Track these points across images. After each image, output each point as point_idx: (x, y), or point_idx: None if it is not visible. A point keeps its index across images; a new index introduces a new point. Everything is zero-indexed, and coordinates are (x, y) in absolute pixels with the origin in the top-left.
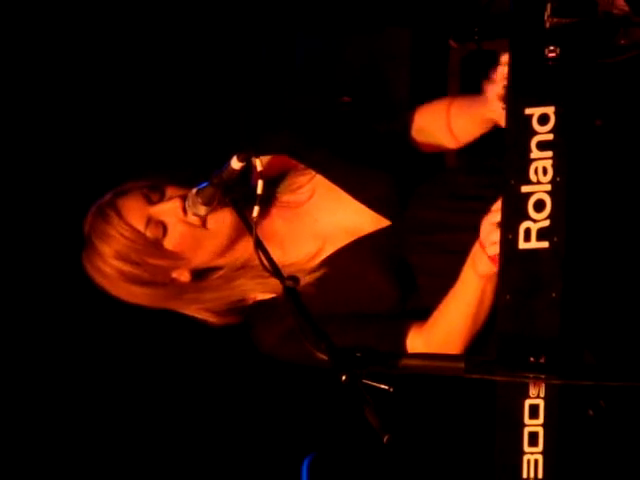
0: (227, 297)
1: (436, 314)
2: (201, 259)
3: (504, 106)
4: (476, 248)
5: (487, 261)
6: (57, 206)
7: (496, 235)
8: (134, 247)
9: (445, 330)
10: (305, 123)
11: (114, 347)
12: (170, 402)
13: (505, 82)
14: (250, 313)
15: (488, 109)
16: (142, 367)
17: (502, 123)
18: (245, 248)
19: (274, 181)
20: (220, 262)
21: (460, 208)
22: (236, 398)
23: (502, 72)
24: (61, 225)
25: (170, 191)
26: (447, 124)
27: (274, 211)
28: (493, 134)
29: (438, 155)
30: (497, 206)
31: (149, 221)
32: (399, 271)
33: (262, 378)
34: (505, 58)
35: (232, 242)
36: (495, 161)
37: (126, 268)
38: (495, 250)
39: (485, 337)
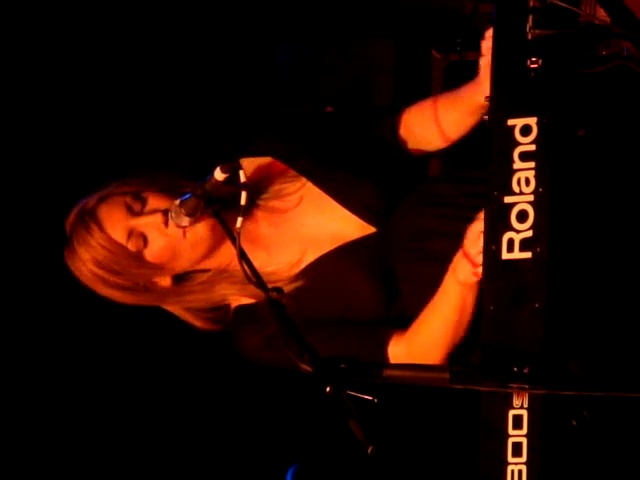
0: (209, 300)
1: (418, 322)
2: (182, 267)
3: None
4: (459, 256)
5: (469, 269)
6: (41, 200)
7: (481, 243)
8: (114, 258)
9: (426, 338)
10: (294, 131)
11: (94, 347)
12: (153, 409)
13: None
14: (232, 318)
15: (480, 87)
16: (126, 371)
17: None
18: (227, 253)
19: (262, 185)
20: (202, 267)
21: (444, 215)
22: (220, 408)
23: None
24: (47, 221)
25: (152, 199)
26: (435, 119)
27: (261, 215)
28: (476, 144)
29: (422, 164)
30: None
31: (131, 233)
32: (384, 278)
33: (246, 388)
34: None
35: (213, 249)
36: (479, 170)
37: (106, 275)
38: (481, 259)
39: (468, 346)
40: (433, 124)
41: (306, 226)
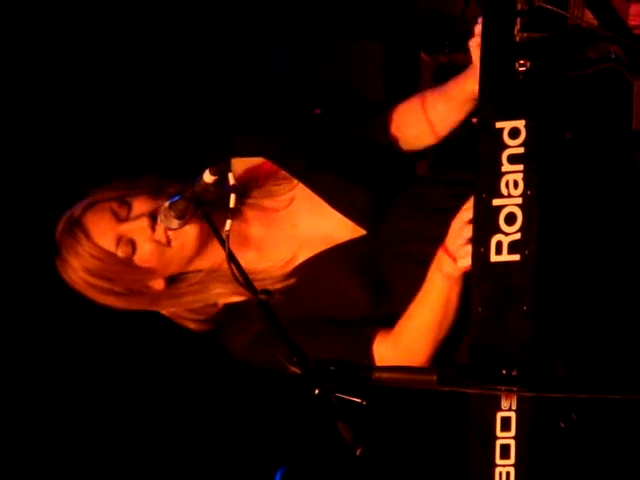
0: (202, 301)
1: (403, 319)
2: (173, 270)
3: None
4: (440, 251)
5: (451, 264)
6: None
7: (464, 235)
8: (105, 266)
9: (412, 335)
10: (284, 132)
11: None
12: (141, 410)
13: None
14: (220, 317)
15: (472, 74)
16: (118, 372)
17: None
18: (219, 252)
19: (253, 185)
20: (194, 267)
21: (435, 219)
22: (208, 410)
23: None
24: (37, 225)
25: (137, 204)
26: (424, 113)
27: (252, 215)
28: (465, 146)
29: (411, 164)
30: (468, 205)
31: (119, 240)
32: (374, 280)
33: (234, 390)
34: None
35: (202, 250)
36: (467, 172)
37: (98, 282)
38: (462, 253)
39: (453, 345)
40: (422, 119)
41: (297, 227)
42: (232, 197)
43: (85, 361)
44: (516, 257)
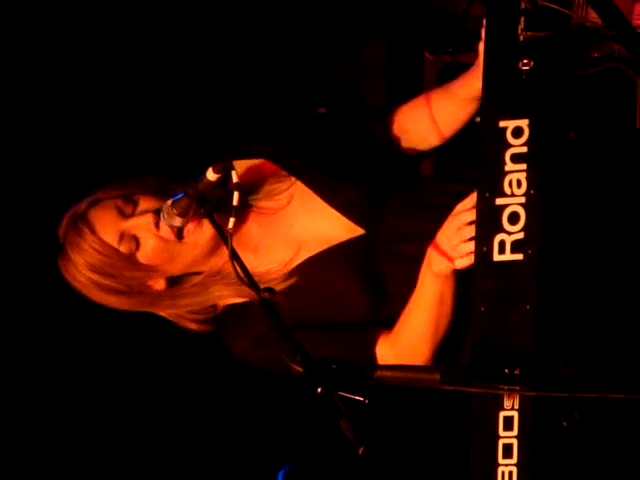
0: (203, 302)
1: (400, 320)
2: (177, 269)
3: None
4: (431, 249)
5: (442, 261)
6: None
7: (463, 235)
8: (108, 261)
9: (410, 334)
10: (284, 131)
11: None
12: (146, 410)
13: None
14: (222, 318)
15: (478, 73)
16: (121, 373)
17: None
18: (221, 256)
19: (252, 186)
20: (196, 270)
21: (434, 218)
22: (212, 408)
23: None
24: (41, 225)
25: (143, 202)
26: (429, 114)
27: (250, 216)
28: (468, 145)
29: (414, 164)
30: (464, 204)
31: (122, 236)
32: (372, 280)
33: (237, 389)
34: None
35: (211, 253)
36: (469, 172)
37: (100, 279)
38: (459, 252)
39: (457, 346)
40: (427, 119)
41: (295, 227)
42: (235, 195)
43: (93, 364)
44: (519, 256)
